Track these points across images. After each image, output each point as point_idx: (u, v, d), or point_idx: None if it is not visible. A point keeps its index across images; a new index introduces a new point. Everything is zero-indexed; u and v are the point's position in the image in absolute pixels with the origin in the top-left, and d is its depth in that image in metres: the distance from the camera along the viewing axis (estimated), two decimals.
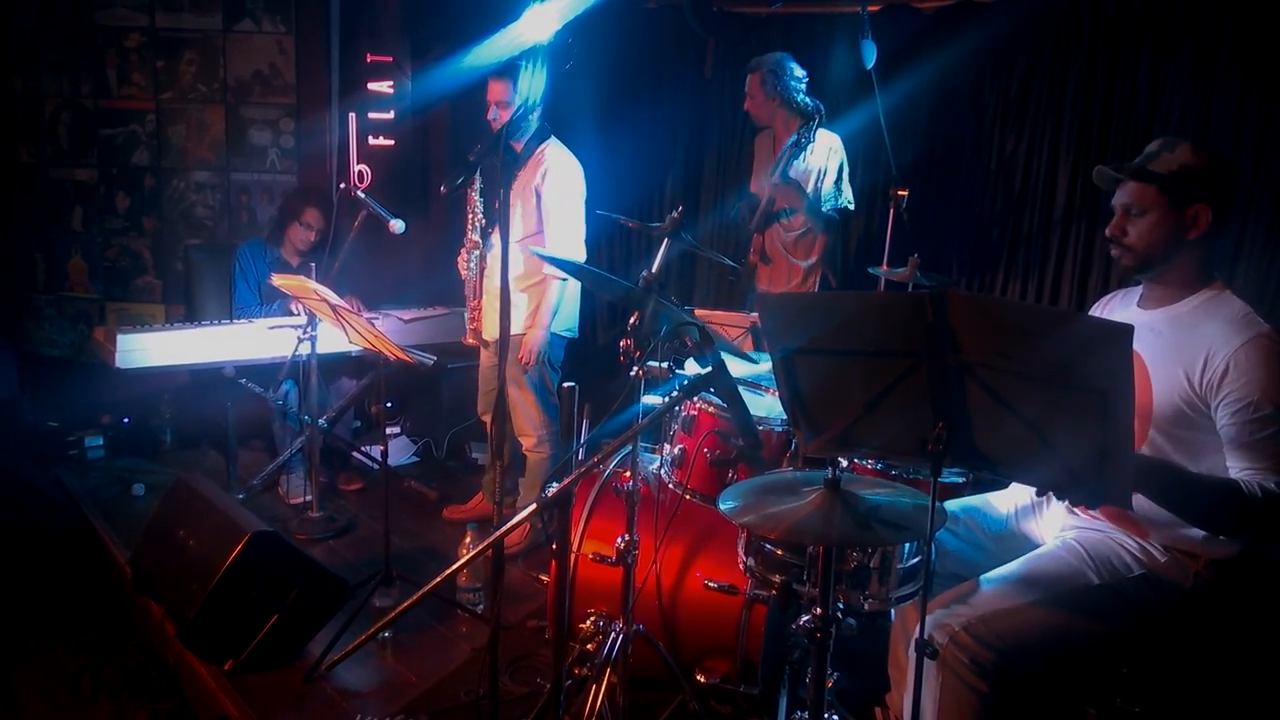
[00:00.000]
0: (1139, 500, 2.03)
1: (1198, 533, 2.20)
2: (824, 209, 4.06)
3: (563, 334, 4.06)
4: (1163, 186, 2.23)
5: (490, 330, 4.03)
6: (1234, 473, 2.11)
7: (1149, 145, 2.31)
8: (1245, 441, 2.08)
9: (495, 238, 3.95)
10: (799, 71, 4.05)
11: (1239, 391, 2.08)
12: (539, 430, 4.06)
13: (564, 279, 3.86)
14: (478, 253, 3.95)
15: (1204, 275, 2.27)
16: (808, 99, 4.04)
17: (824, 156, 4.05)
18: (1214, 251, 2.26)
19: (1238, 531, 2.14)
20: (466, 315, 4.07)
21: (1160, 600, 2.23)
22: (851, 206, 4.17)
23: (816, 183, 4.05)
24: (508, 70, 3.88)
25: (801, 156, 4.01)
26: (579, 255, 3.94)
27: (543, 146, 3.91)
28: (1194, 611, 2.24)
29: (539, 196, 3.87)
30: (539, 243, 3.90)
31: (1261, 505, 2.02)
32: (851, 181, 4.18)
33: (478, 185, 3.90)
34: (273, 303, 4.60)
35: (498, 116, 3.86)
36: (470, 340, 4.09)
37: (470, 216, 3.95)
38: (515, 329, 3.84)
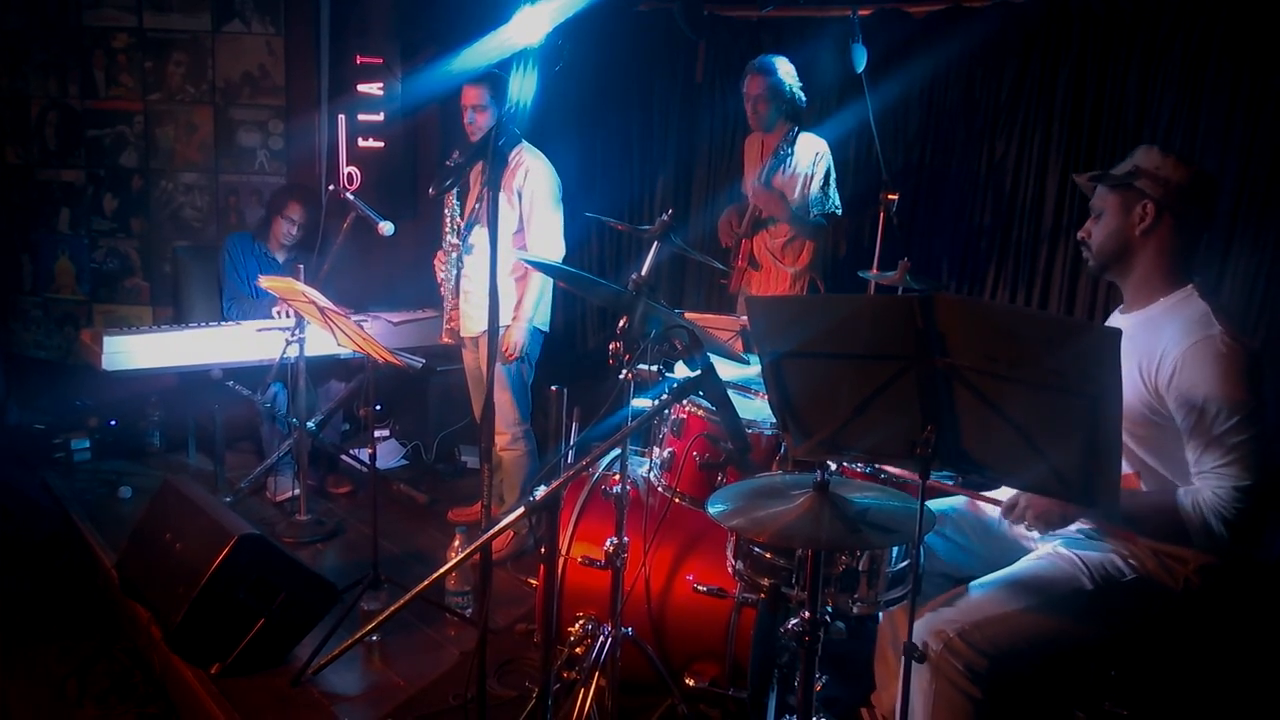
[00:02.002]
0: None
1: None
2: (811, 214, 4.07)
3: (539, 328, 4.06)
4: (1112, 185, 2.30)
5: (469, 328, 4.03)
6: (1192, 467, 2.14)
7: None
8: (1199, 441, 2.11)
9: (473, 238, 3.95)
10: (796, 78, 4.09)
11: (1188, 392, 2.10)
12: (513, 428, 4.06)
13: None
14: (456, 255, 3.95)
15: (1174, 278, 2.28)
16: (801, 105, 4.08)
17: (810, 161, 4.05)
18: (1181, 253, 2.27)
19: (1191, 544, 2.16)
20: (444, 316, 4.06)
21: (1151, 605, 2.24)
22: (839, 211, 4.17)
23: (803, 188, 4.05)
24: (482, 75, 3.90)
25: (782, 167, 4.01)
26: (560, 253, 3.96)
27: (517, 149, 3.92)
28: (1183, 615, 2.25)
29: (520, 197, 3.89)
30: (521, 241, 3.93)
31: (1199, 523, 2.08)
32: (841, 185, 4.18)
33: (454, 188, 3.92)
34: (265, 296, 4.58)
35: (473, 120, 3.88)
36: (446, 339, 4.08)
37: (447, 219, 3.94)
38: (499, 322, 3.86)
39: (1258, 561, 3.56)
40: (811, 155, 4.05)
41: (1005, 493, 2.61)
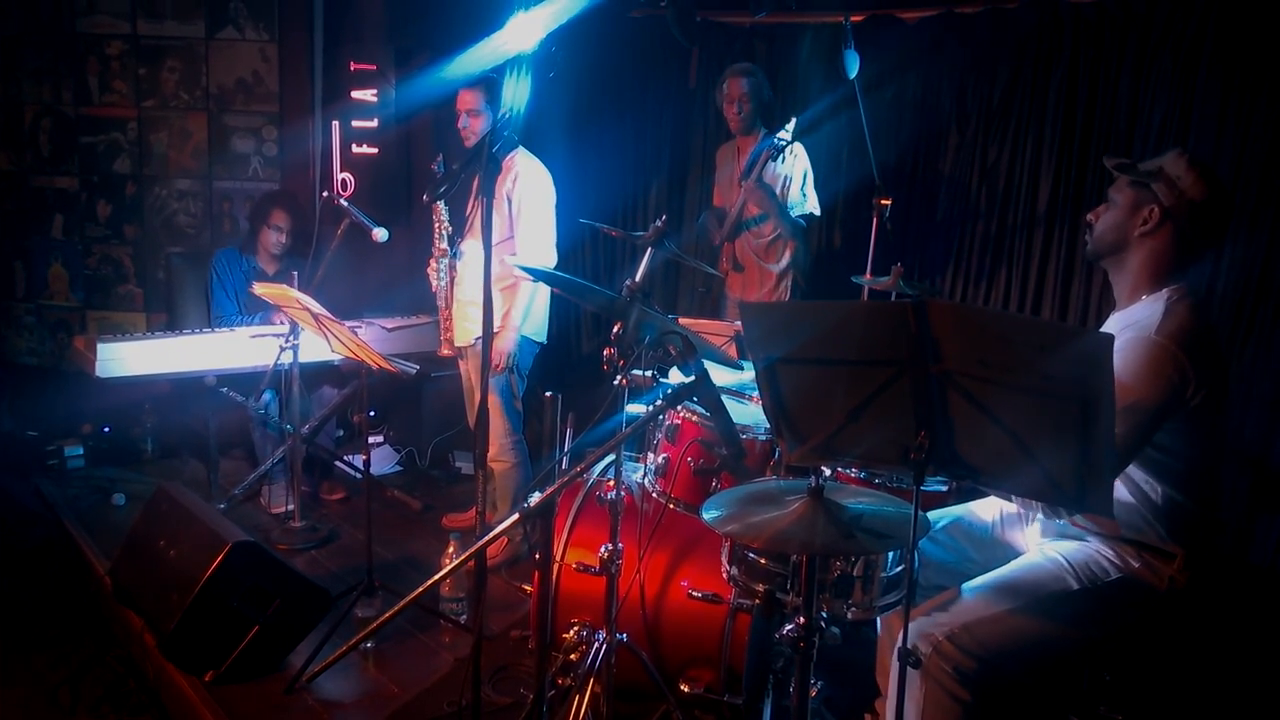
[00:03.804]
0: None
1: (1164, 529, 2.23)
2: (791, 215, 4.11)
3: (533, 339, 4.05)
4: (1133, 180, 2.30)
5: (461, 337, 4.02)
6: None
7: None
8: None
9: (464, 245, 3.95)
10: None
11: None
12: (501, 439, 4.02)
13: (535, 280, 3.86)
14: (446, 261, 3.94)
15: (1160, 281, 2.28)
16: (775, 110, 4.14)
17: (789, 164, 4.11)
18: (1173, 263, 2.27)
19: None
20: (440, 326, 4.05)
21: (1137, 605, 2.25)
22: (817, 213, 4.21)
23: (782, 190, 4.10)
24: (477, 79, 3.89)
25: (780, 159, 4.03)
26: (550, 260, 3.95)
27: (512, 155, 3.92)
28: (1173, 617, 2.25)
29: (510, 202, 3.89)
30: (510, 248, 3.92)
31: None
32: (834, 191, 4.21)
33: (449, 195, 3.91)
34: (254, 314, 4.57)
35: (467, 125, 3.88)
36: (445, 351, 4.07)
37: (437, 225, 3.93)
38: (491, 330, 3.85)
39: (1251, 564, 3.57)
40: (790, 158, 4.09)
41: (997, 499, 2.63)
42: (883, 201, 3.83)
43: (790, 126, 3.96)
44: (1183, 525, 2.22)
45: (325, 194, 4.18)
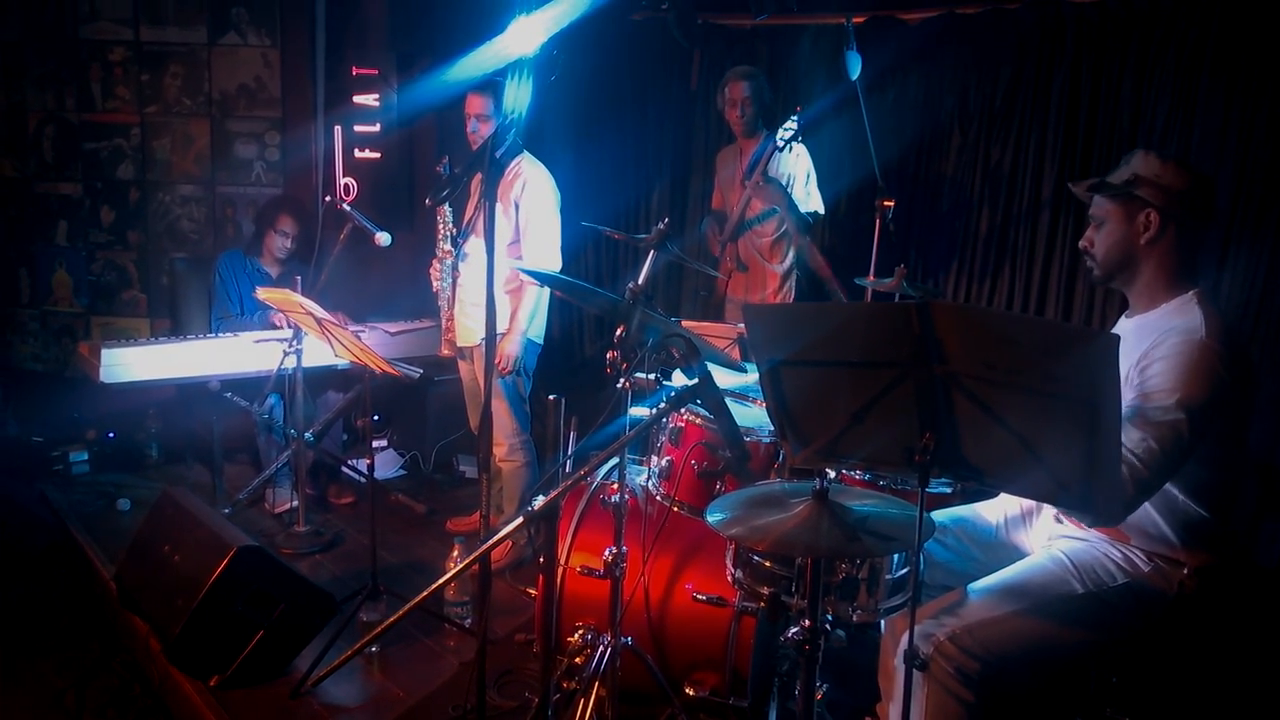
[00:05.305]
0: None
1: (1175, 538, 2.21)
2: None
3: (535, 340, 4.06)
4: (1112, 195, 2.29)
5: (465, 338, 4.02)
6: None
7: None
8: (1129, 418, 2.08)
9: (469, 247, 3.95)
10: None
11: (1153, 381, 2.11)
12: (510, 439, 4.04)
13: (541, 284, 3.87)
14: (450, 262, 3.95)
15: (1177, 283, 2.28)
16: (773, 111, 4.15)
17: (792, 163, 4.12)
18: (1184, 259, 2.27)
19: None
20: (441, 326, 4.05)
21: (1145, 609, 2.23)
22: (821, 211, 4.21)
23: (788, 187, 4.09)
24: (486, 84, 3.90)
25: (783, 155, 4.03)
26: (556, 264, 3.96)
27: (517, 159, 3.92)
28: (1181, 621, 2.24)
29: (518, 208, 3.89)
30: (517, 252, 3.92)
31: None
32: (836, 192, 4.20)
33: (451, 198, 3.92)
34: (253, 314, 4.58)
35: (477, 129, 3.88)
36: (446, 351, 4.07)
37: (441, 227, 3.93)
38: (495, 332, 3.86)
39: (1258, 566, 3.57)
40: (792, 157, 4.09)
41: (1002, 501, 2.62)
42: (886, 203, 3.83)
43: (795, 118, 3.95)
44: (1199, 534, 2.20)
45: (328, 199, 4.20)
